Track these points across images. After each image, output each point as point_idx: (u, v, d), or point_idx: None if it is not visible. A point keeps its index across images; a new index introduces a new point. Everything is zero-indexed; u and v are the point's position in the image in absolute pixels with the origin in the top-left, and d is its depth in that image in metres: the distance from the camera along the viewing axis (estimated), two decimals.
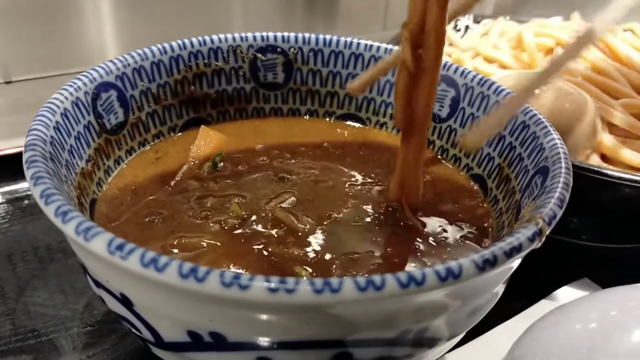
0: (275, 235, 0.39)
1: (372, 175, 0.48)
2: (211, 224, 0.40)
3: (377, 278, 0.27)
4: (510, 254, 0.29)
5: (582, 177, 0.49)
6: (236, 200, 0.42)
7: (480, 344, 0.48)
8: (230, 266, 0.36)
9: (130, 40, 0.95)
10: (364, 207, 0.43)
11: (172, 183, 0.44)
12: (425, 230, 0.42)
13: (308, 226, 0.40)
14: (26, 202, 0.61)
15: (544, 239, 0.32)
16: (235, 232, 0.40)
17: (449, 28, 0.79)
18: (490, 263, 0.29)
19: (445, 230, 0.42)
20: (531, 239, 0.31)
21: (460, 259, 0.28)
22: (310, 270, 0.36)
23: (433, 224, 0.43)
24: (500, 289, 0.36)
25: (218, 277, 0.26)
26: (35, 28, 0.88)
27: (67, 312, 0.48)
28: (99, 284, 0.34)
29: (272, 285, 0.26)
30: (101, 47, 0.94)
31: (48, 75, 0.92)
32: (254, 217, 0.41)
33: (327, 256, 0.38)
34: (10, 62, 0.89)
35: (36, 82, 0.91)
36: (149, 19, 0.96)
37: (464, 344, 0.47)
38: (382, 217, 0.42)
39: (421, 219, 0.43)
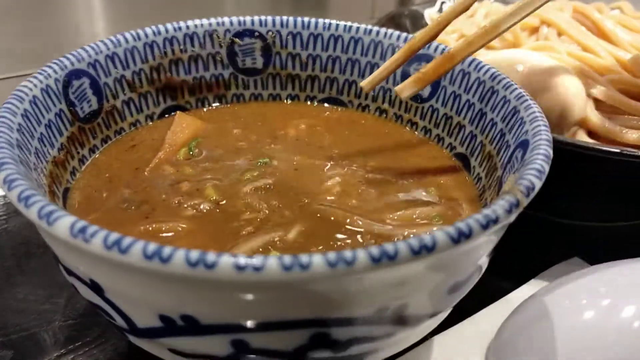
0: (251, 220, 0.38)
1: (354, 157, 0.47)
2: (186, 208, 0.39)
3: (347, 253, 0.26)
4: (486, 225, 0.29)
5: (569, 153, 0.48)
6: (211, 185, 0.41)
7: (469, 325, 0.47)
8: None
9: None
10: (345, 190, 0.42)
11: (147, 169, 0.44)
12: (407, 207, 0.41)
13: (285, 210, 0.40)
14: (6, 197, 0.60)
15: (521, 210, 0.31)
16: (210, 216, 0.39)
17: (434, 10, 0.79)
18: (465, 235, 0.28)
19: (428, 208, 0.41)
20: (508, 210, 0.30)
21: (435, 232, 0.27)
22: (285, 252, 0.35)
23: (415, 202, 0.42)
24: (483, 263, 0.35)
25: (183, 257, 0.25)
26: (21, 24, 0.87)
27: (48, 306, 0.47)
28: (69, 272, 0.33)
29: (240, 262, 0.25)
30: (92, 42, 0.93)
31: (33, 72, 0.91)
32: (228, 202, 0.40)
33: (304, 240, 0.37)
34: None
35: (21, 80, 0.90)
36: (140, 14, 0.95)
37: (452, 326, 0.46)
38: (362, 199, 0.41)
39: (404, 198, 0.42)
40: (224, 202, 0.40)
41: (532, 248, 0.57)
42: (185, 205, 0.40)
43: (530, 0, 0.39)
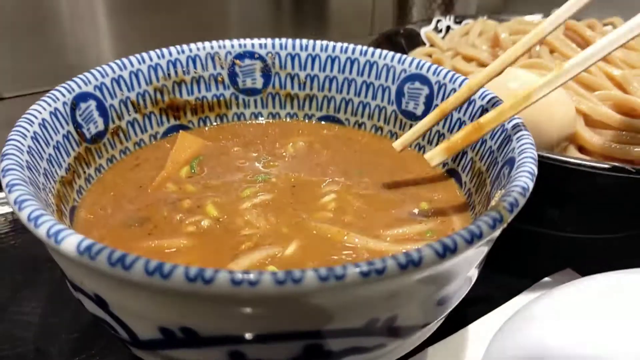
0: (250, 236, 0.40)
1: (350, 173, 0.49)
2: (187, 224, 0.41)
3: (338, 268, 0.27)
4: (470, 240, 0.30)
5: (560, 168, 0.49)
6: (211, 202, 0.43)
7: (462, 336, 0.49)
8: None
9: (126, 54, 0.96)
10: (341, 206, 0.44)
11: (150, 187, 0.45)
12: (401, 223, 0.42)
13: (283, 227, 0.41)
14: (14, 213, 0.62)
15: (505, 226, 0.32)
16: (210, 233, 0.40)
17: (430, 29, 0.81)
18: (450, 250, 0.29)
19: (420, 223, 0.43)
20: (492, 226, 0.31)
21: (421, 247, 0.29)
22: (282, 267, 0.37)
23: (409, 217, 0.43)
24: (472, 275, 0.36)
25: (183, 272, 0.27)
26: (28, 44, 0.89)
27: (54, 320, 0.49)
28: (76, 287, 0.34)
29: (236, 277, 0.27)
30: (97, 61, 0.95)
31: (41, 91, 0.93)
32: (228, 218, 0.42)
33: (301, 256, 0.38)
34: (2, 78, 0.90)
35: (29, 99, 0.92)
36: (144, 32, 0.97)
37: (445, 337, 0.48)
38: (358, 216, 0.43)
39: (398, 213, 0.44)
40: (224, 218, 0.42)
41: (525, 260, 0.58)
42: (187, 222, 0.41)
43: (565, 70, 0.40)
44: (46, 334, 0.48)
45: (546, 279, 0.55)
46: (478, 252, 0.34)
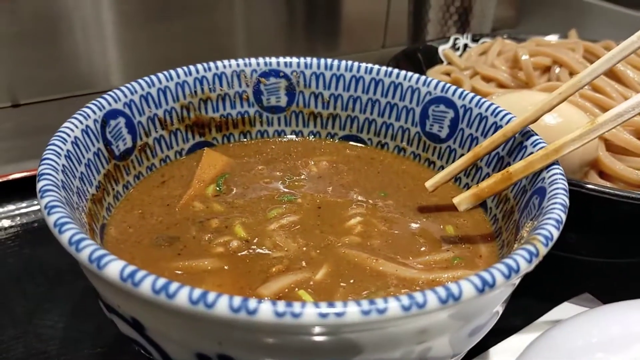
0: (279, 259, 0.40)
1: (374, 195, 0.49)
2: (215, 246, 0.41)
3: (380, 301, 0.28)
4: (508, 275, 0.30)
5: (581, 194, 0.50)
6: (239, 222, 0.43)
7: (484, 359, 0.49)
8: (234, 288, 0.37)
9: (135, 63, 0.97)
10: (366, 230, 0.44)
11: (178, 206, 0.46)
12: (427, 249, 0.43)
13: (312, 251, 0.41)
14: (35, 224, 0.62)
15: (540, 259, 0.33)
16: (239, 254, 0.41)
17: (447, 46, 0.81)
18: (489, 285, 0.30)
19: (447, 250, 0.43)
20: (528, 261, 0.32)
21: (460, 281, 0.29)
22: (312, 293, 0.37)
23: (434, 242, 0.44)
24: (500, 308, 0.37)
25: (227, 302, 0.27)
26: (41, 51, 0.90)
27: (77, 334, 0.49)
28: (110, 309, 0.35)
29: (279, 309, 0.27)
30: (106, 69, 0.96)
31: (54, 98, 0.94)
32: (257, 240, 0.42)
33: (330, 281, 0.39)
34: (17, 85, 0.91)
35: (43, 105, 0.93)
36: (153, 42, 0.98)
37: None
38: (384, 240, 0.43)
39: (424, 238, 0.44)
40: (253, 240, 0.42)
41: (543, 284, 0.58)
42: (216, 243, 0.41)
43: (595, 127, 0.41)
44: (69, 348, 0.48)
45: (565, 303, 0.55)
46: (512, 285, 0.35)
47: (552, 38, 0.83)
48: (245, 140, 0.56)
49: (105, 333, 0.49)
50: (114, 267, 0.29)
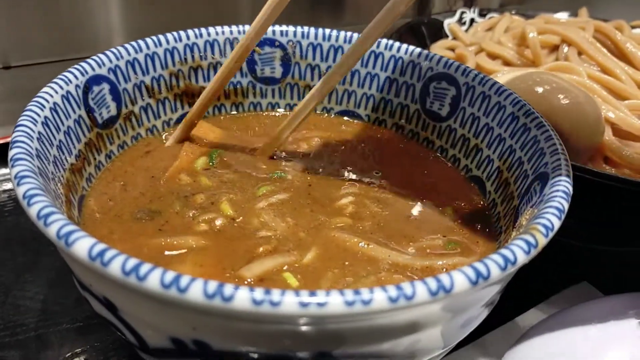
0: (266, 238, 0.38)
1: (368, 174, 0.47)
2: (200, 223, 0.39)
3: (365, 292, 0.26)
4: (504, 267, 0.28)
5: (583, 180, 0.48)
6: (226, 199, 0.41)
7: (475, 349, 0.47)
8: (216, 267, 0.36)
9: (137, 27, 0.93)
10: (359, 211, 0.42)
11: (163, 179, 0.43)
12: (421, 232, 0.41)
13: (302, 232, 0.39)
14: None
15: (539, 251, 0.31)
16: (224, 233, 0.39)
17: (453, 20, 0.78)
18: (483, 277, 0.28)
19: (443, 234, 0.41)
20: (526, 252, 0.30)
21: (453, 272, 0.27)
22: (298, 277, 0.35)
23: (429, 226, 0.42)
24: (495, 298, 0.35)
25: (201, 287, 0.25)
26: (36, 12, 0.86)
27: (57, 308, 0.48)
28: (83, 287, 0.33)
29: (257, 296, 0.25)
30: (107, 33, 0.92)
31: (49, 61, 0.91)
32: (243, 218, 0.40)
33: (318, 265, 0.37)
34: (10, 47, 0.88)
35: (36, 68, 0.90)
36: (156, 5, 0.94)
37: (458, 349, 0.46)
38: (376, 222, 0.41)
39: (419, 221, 0.42)
40: (239, 218, 0.40)
41: (539, 270, 0.57)
42: (199, 220, 0.39)
43: None
44: (48, 321, 0.46)
45: (562, 292, 0.53)
46: (508, 276, 0.33)
47: (562, 16, 0.80)
48: (236, 112, 0.54)
49: (85, 307, 0.47)
50: (83, 245, 0.27)
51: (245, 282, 0.34)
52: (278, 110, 0.55)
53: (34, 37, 0.88)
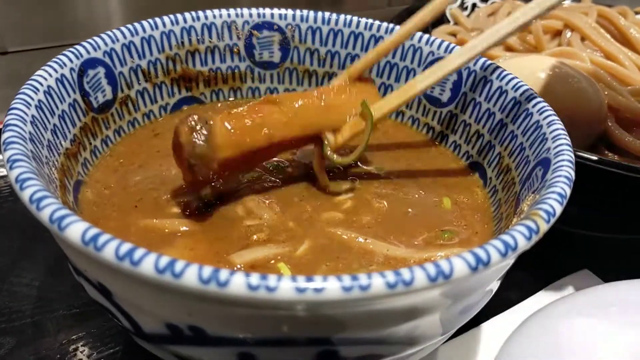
0: (258, 227, 0.38)
1: (369, 164, 0.46)
2: (194, 208, 0.39)
3: (363, 277, 0.25)
4: (505, 253, 0.28)
5: (585, 166, 0.47)
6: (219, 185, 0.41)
7: (474, 335, 0.47)
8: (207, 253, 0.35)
9: (135, 10, 0.92)
10: (357, 204, 0.41)
11: (161, 165, 0.43)
12: (420, 225, 0.40)
13: (294, 222, 0.39)
14: None
15: (540, 237, 0.30)
16: (215, 219, 0.38)
17: (455, 6, 0.77)
18: (483, 263, 0.27)
19: (441, 226, 0.40)
20: (527, 238, 0.29)
21: (452, 258, 0.27)
22: (292, 267, 0.35)
23: (428, 218, 0.41)
24: (495, 285, 0.35)
25: (196, 272, 0.25)
26: None
27: (53, 294, 0.47)
28: (78, 272, 0.32)
29: (253, 282, 0.25)
30: (106, 17, 0.91)
31: (46, 47, 0.90)
32: (234, 205, 0.39)
33: (312, 257, 0.36)
34: (6, 32, 0.87)
35: (33, 54, 0.89)
36: None
37: (458, 335, 0.46)
38: (374, 214, 0.41)
39: (417, 211, 0.41)
40: (229, 205, 0.39)
41: (540, 257, 0.56)
42: (194, 206, 0.39)
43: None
44: (44, 308, 0.46)
45: (563, 279, 0.53)
46: (507, 264, 0.32)
47: (565, 1, 0.78)
48: (233, 99, 0.53)
49: (82, 294, 0.47)
50: (76, 229, 0.27)
51: (235, 269, 0.34)
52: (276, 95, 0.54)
53: (31, 21, 0.87)
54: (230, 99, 0.53)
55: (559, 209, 0.31)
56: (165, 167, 0.43)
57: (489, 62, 0.47)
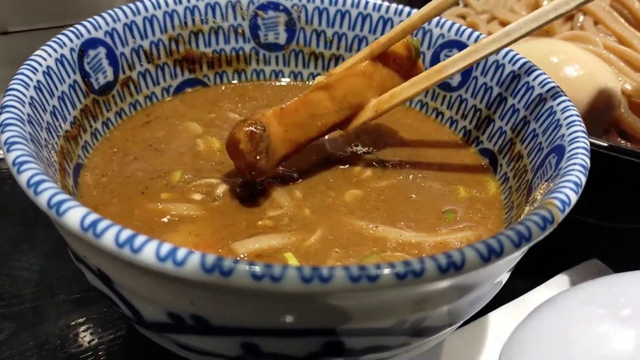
0: (264, 214, 0.37)
1: (377, 148, 0.45)
2: (201, 193, 0.38)
3: (371, 268, 0.24)
4: (518, 243, 0.27)
5: (598, 154, 0.46)
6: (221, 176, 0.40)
7: (482, 325, 0.46)
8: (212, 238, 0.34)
9: None
10: (367, 193, 0.40)
11: (163, 149, 0.42)
12: (427, 206, 0.39)
13: (306, 209, 0.38)
14: None
15: (555, 227, 0.29)
16: (225, 204, 0.37)
17: None
18: (496, 254, 0.26)
19: (450, 210, 0.39)
20: (542, 228, 0.28)
21: (464, 249, 0.26)
22: (299, 257, 0.34)
23: (436, 200, 0.40)
24: (505, 275, 0.34)
25: (198, 261, 0.24)
26: None
27: (53, 279, 0.47)
28: (78, 258, 0.32)
29: (257, 271, 0.24)
30: None
31: (48, 27, 0.88)
32: (246, 191, 0.38)
33: (322, 246, 0.35)
34: (7, 12, 0.85)
35: (34, 34, 0.88)
36: None
37: (465, 325, 0.45)
38: (384, 201, 0.40)
39: (428, 199, 0.40)
40: (239, 190, 0.38)
41: (549, 246, 0.55)
42: (202, 190, 0.38)
43: (480, 47, 0.39)
44: (45, 293, 0.45)
45: (572, 269, 0.52)
46: (521, 253, 0.31)
47: None
48: (237, 81, 0.52)
49: (82, 279, 0.46)
50: (75, 215, 0.26)
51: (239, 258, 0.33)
52: (282, 79, 0.53)
53: (32, 1, 0.86)
54: (234, 81, 0.52)
55: (574, 198, 0.30)
56: (162, 152, 0.42)
57: None
